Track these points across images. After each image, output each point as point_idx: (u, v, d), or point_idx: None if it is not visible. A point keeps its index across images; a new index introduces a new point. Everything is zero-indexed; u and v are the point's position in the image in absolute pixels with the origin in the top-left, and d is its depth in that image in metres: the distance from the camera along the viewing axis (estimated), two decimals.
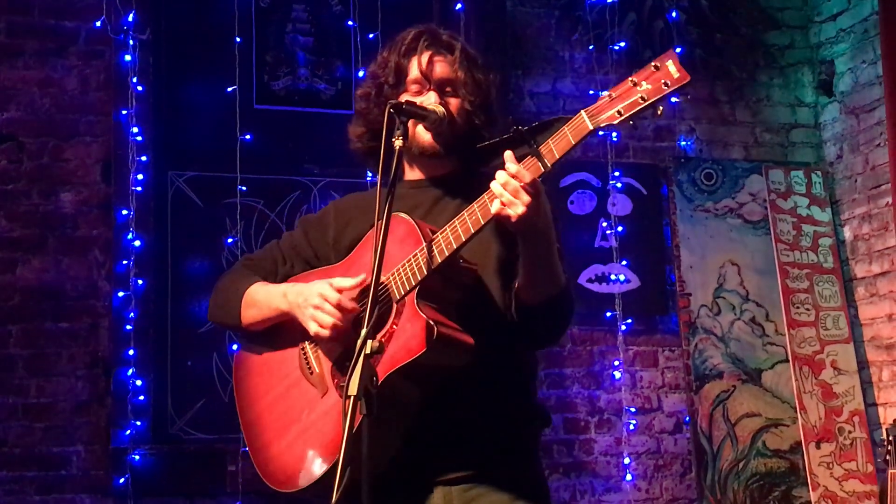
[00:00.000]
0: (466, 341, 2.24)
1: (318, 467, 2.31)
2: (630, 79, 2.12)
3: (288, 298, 2.44)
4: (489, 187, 2.19)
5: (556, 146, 2.14)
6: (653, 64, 2.12)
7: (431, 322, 2.19)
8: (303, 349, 2.48)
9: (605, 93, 2.14)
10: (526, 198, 2.13)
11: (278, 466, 2.43)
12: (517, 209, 2.14)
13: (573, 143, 2.13)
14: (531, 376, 2.54)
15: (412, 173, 2.57)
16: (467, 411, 2.35)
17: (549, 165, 2.15)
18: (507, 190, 2.13)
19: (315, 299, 2.35)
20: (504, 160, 2.20)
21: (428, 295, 2.26)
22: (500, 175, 2.16)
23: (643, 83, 2.10)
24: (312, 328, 2.36)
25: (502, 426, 2.40)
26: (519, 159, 2.19)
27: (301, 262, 2.61)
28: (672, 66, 2.10)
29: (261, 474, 2.47)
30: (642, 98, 2.09)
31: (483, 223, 2.20)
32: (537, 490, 2.46)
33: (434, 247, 2.24)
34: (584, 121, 2.12)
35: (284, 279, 2.58)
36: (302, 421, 2.40)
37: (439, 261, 2.23)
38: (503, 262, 2.36)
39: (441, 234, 2.25)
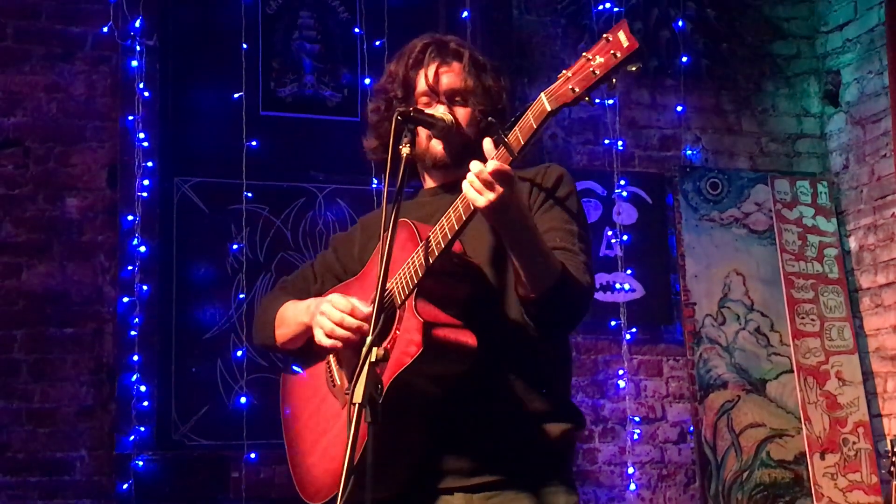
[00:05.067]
0: (465, 340, 2.23)
1: (339, 478, 2.32)
2: (584, 55, 2.09)
3: (310, 310, 2.47)
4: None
5: (521, 132, 2.15)
6: (605, 36, 2.07)
7: (426, 322, 2.19)
8: (328, 363, 2.50)
9: (563, 72, 2.12)
10: (498, 188, 2.12)
11: (311, 480, 2.45)
12: (487, 196, 2.13)
13: (535, 126, 2.12)
14: (560, 374, 2.46)
15: (429, 181, 2.59)
16: (488, 413, 2.32)
17: (515, 153, 2.15)
18: (480, 179, 2.13)
19: (323, 306, 2.38)
20: (484, 151, 2.21)
21: (427, 295, 2.26)
22: (474, 165, 2.16)
23: (596, 57, 2.06)
24: (317, 335, 2.39)
25: (527, 428, 2.34)
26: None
27: (332, 280, 2.64)
28: (622, 36, 2.05)
29: (298, 490, 2.49)
30: (594, 72, 2.06)
31: (465, 218, 2.20)
32: (564, 501, 2.37)
33: (427, 247, 2.25)
34: (544, 103, 2.11)
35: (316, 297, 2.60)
36: (328, 434, 2.43)
37: (431, 261, 2.23)
38: (506, 258, 2.35)
39: (432, 233, 2.25)
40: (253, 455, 4.70)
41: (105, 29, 4.85)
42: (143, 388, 4.69)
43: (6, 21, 4.83)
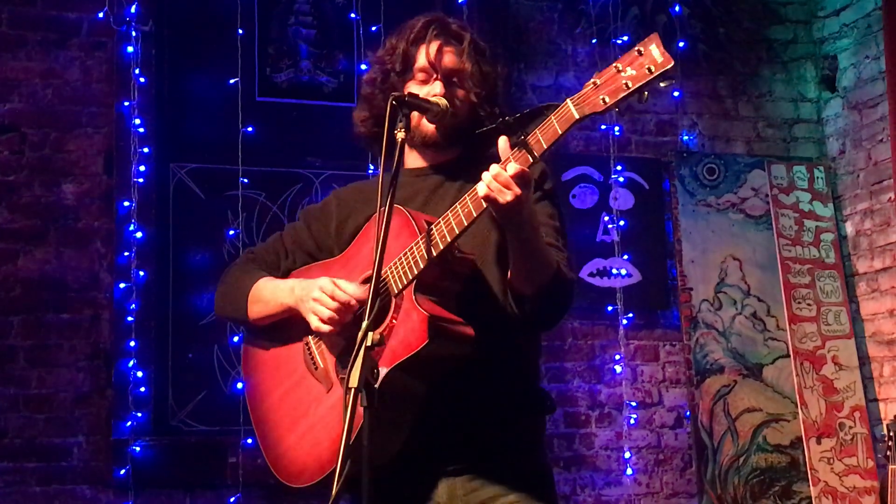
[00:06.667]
0: (466, 333, 2.25)
1: (326, 462, 2.32)
2: (614, 64, 2.09)
3: (295, 293, 2.45)
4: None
5: (543, 136, 2.15)
6: (636, 49, 2.07)
7: (431, 316, 2.19)
8: (307, 344, 2.48)
9: (591, 80, 2.11)
10: (516, 189, 2.13)
11: (290, 461, 2.46)
12: (505, 196, 2.13)
13: (560, 132, 2.13)
14: (533, 361, 2.53)
15: (414, 161, 2.57)
16: (469, 401, 2.35)
17: (537, 156, 2.16)
18: (499, 181, 2.14)
19: (315, 293, 2.37)
20: (498, 148, 2.21)
21: (426, 288, 2.26)
22: (493, 167, 2.16)
23: (627, 69, 2.07)
24: (313, 322, 2.38)
25: (504, 414, 2.39)
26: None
27: (303, 255, 2.61)
28: (656, 51, 2.05)
29: (272, 468, 2.50)
30: (627, 85, 2.07)
31: (476, 215, 2.21)
32: (541, 479, 2.45)
33: (430, 239, 2.24)
34: (570, 110, 2.11)
35: (286, 273, 2.59)
36: (310, 416, 2.42)
37: (435, 254, 2.23)
38: (500, 253, 2.36)
39: (436, 226, 2.25)
40: (250, 440, 4.70)
41: (101, 14, 4.83)
42: (139, 374, 4.70)
43: (1, 7, 4.81)
